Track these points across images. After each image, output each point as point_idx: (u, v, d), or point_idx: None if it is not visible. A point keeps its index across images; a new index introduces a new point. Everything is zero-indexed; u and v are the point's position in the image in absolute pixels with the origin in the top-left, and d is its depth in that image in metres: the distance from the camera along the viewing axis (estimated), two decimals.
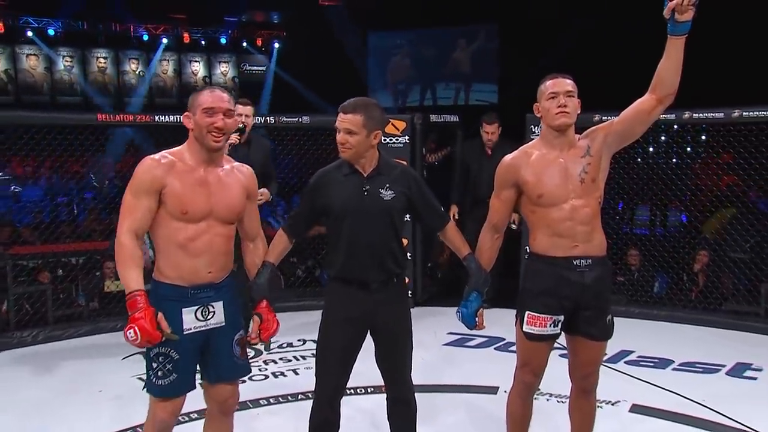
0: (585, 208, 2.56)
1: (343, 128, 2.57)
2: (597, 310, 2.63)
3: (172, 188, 2.33)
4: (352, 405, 3.52)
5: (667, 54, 2.42)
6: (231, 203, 2.45)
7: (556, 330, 2.65)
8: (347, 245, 2.60)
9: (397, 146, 5.79)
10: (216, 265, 2.42)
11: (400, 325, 2.73)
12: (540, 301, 2.62)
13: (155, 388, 2.40)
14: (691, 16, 2.33)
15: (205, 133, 2.36)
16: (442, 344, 4.95)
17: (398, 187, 2.65)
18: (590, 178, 2.57)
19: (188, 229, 2.35)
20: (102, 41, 13.83)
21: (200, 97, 2.39)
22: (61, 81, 13.66)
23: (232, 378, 2.54)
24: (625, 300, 5.72)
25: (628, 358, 4.54)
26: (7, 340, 4.90)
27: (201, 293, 2.40)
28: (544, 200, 2.58)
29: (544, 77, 2.65)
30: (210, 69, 14.52)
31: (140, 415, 2.57)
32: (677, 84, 2.46)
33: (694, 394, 3.83)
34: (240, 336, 2.53)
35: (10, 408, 3.78)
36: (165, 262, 2.39)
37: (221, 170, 2.47)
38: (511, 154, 2.71)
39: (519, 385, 2.77)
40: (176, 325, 2.35)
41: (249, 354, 4.49)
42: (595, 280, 2.60)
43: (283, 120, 5.82)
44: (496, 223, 2.75)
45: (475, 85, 13.81)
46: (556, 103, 2.55)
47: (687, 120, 5.34)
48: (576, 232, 2.56)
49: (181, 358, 2.38)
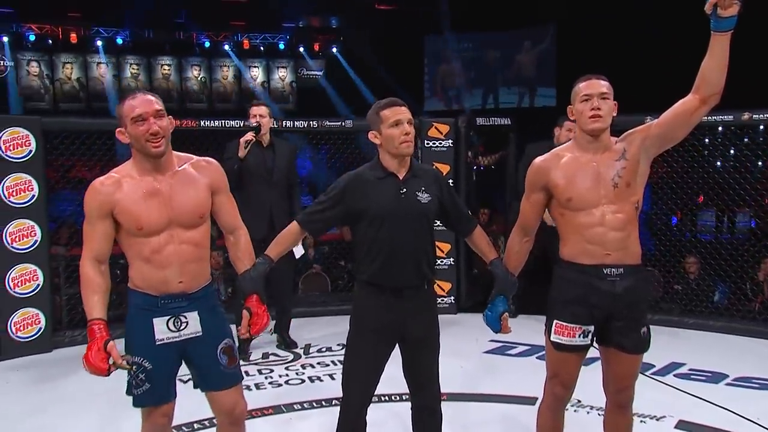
0: (618, 214, 2.45)
1: (408, 120, 2.52)
2: (630, 321, 2.50)
3: (123, 206, 2.28)
4: (378, 411, 3.47)
5: (711, 52, 2.28)
6: (190, 207, 2.36)
7: (586, 341, 2.53)
8: (384, 249, 2.53)
9: (441, 150, 5.73)
10: (187, 274, 2.35)
11: (429, 332, 2.67)
12: (569, 310, 2.52)
13: (133, 397, 2.38)
14: (736, 11, 2.19)
15: (144, 143, 2.27)
16: (483, 352, 4.85)
17: (433, 191, 2.60)
18: (625, 182, 2.46)
19: (150, 243, 2.29)
20: (167, 49, 14.28)
21: (125, 108, 2.30)
22: (128, 88, 14.16)
23: (220, 387, 2.47)
24: (679, 310, 5.47)
25: (677, 371, 4.33)
26: (60, 339, 5.08)
27: (172, 303, 2.34)
28: (574, 204, 2.48)
29: (578, 78, 2.55)
30: (269, 74, 14.76)
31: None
32: (722, 83, 2.32)
33: (747, 412, 3.60)
34: (226, 345, 2.46)
35: (56, 404, 3.92)
36: (135, 274, 2.35)
37: (173, 174, 2.37)
38: (542, 157, 2.62)
39: (549, 398, 2.68)
40: (148, 335, 2.33)
41: (288, 357, 4.60)
42: (628, 290, 2.47)
43: (326, 124, 5.85)
44: (525, 226, 2.67)
45: (540, 90, 13.61)
46: (590, 106, 2.45)
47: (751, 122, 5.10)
48: (607, 239, 2.45)
49: (154, 368, 2.34)
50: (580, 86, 2.51)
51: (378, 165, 2.60)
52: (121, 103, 2.32)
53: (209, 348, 2.43)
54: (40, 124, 4.97)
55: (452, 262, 5.84)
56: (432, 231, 2.64)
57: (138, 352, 2.33)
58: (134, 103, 2.29)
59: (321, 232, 2.75)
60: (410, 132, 2.52)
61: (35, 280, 4.91)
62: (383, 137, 2.54)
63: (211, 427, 3.25)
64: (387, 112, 2.53)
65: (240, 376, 2.55)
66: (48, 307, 4.99)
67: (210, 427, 3.37)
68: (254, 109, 4.74)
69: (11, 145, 4.80)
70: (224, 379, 2.47)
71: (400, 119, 2.51)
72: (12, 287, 4.83)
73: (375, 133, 2.57)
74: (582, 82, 2.51)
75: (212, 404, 2.52)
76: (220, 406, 2.50)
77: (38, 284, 4.92)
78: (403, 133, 2.51)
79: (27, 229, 4.87)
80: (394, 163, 2.57)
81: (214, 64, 14.54)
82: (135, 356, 2.33)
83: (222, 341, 2.45)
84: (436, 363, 2.71)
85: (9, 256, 4.82)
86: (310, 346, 4.98)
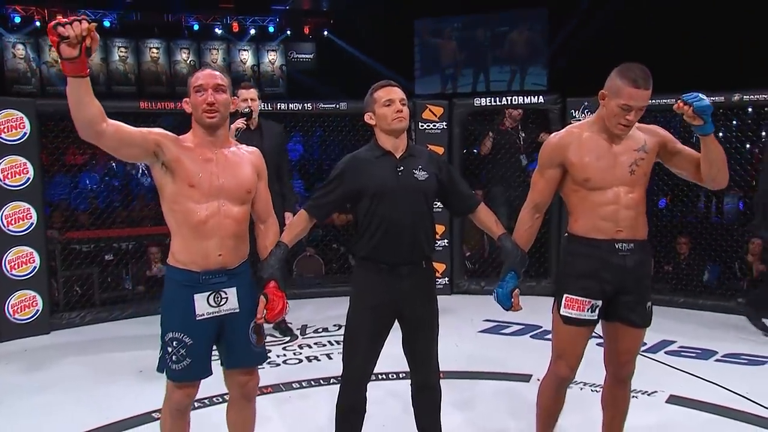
0: (630, 194, 2.50)
1: (399, 99, 2.57)
2: (638, 295, 2.56)
3: (178, 158, 2.33)
4: (378, 389, 3.53)
5: (702, 153, 2.45)
6: (240, 181, 2.43)
7: (593, 316, 2.57)
8: (382, 226, 2.56)
9: (435, 132, 5.75)
10: (226, 248, 2.40)
11: (428, 310, 2.70)
12: (580, 284, 2.55)
13: (170, 372, 2.41)
14: (700, 123, 2.33)
15: (201, 113, 2.35)
16: (477, 331, 4.92)
17: (430, 169, 2.63)
18: (642, 171, 2.52)
19: (199, 210, 2.34)
20: (155, 32, 14.15)
21: (191, 79, 2.41)
22: (116, 71, 14.04)
23: (248, 365, 2.54)
24: (669, 289, 5.56)
25: (668, 348, 4.42)
26: (57, 321, 5.11)
27: (213, 278, 2.39)
28: (590, 184, 2.51)
29: (627, 69, 2.40)
30: (258, 57, 14.68)
31: None
32: (720, 180, 2.50)
33: (737, 387, 3.70)
34: (257, 323, 2.50)
35: (55, 384, 3.95)
36: (177, 247, 2.40)
37: (227, 151, 2.45)
38: (559, 133, 2.64)
39: (552, 377, 2.71)
40: (189, 310, 2.36)
41: (284, 338, 4.65)
42: (637, 264, 2.53)
43: (321, 106, 5.85)
44: (538, 203, 2.67)
45: (530, 69, 13.61)
46: (624, 114, 2.42)
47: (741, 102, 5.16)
48: (620, 216, 2.50)
49: (194, 343, 2.38)
50: (626, 90, 2.38)
51: (374, 145, 2.65)
52: (191, 75, 2.43)
53: (243, 325, 2.47)
54: (34, 106, 4.96)
55: (446, 244, 5.89)
56: (431, 209, 2.67)
57: (178, 328, 2.37)
58: (199, 75, 2.39)
59: (327, 216, 2.81)
60: (402, 110, 2.57)
61: (32, 263, 4.92)
62: (377, 117, 2.60)
63: (222, 403, 3.31)
64: (380, 93, 2.60)
65: (266, 355, 2.63)
66: (45, 289, 5.02)
67: (216, 404, 3.42)
68: (243, 92, 4.56)
69: (6, 127, 4.78)
70: (252, 358, 2.53)
71: (392, 98, 2.57)
72: (9, 269, 4.84)
73: (370, 114, 2.62)
74: (630, 86, 2.38)
75: (228, 378, 2.57)
76: (236, 381, 2.55)
77: (35, 266, 4.94)
78: (394, 111, 2.56)
79: (23, 212, 4.87)
80: (389, 142, 2.61)
81: (204, 47, 14.45)
82: (175, 332, 2.37)
83: (254, 319, 2.49)
84: (435, 340, 2.74)
85: (5, 238, 4.83)
86: (307, 327, 5.04)
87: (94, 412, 3.47)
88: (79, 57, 1.98)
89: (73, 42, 1.95)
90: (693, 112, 2.30)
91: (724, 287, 5.52)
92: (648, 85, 2.39)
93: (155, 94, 13.49)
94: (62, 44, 1.96)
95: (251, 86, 4.70)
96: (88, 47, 1.99)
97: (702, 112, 2.30)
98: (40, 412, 3.54)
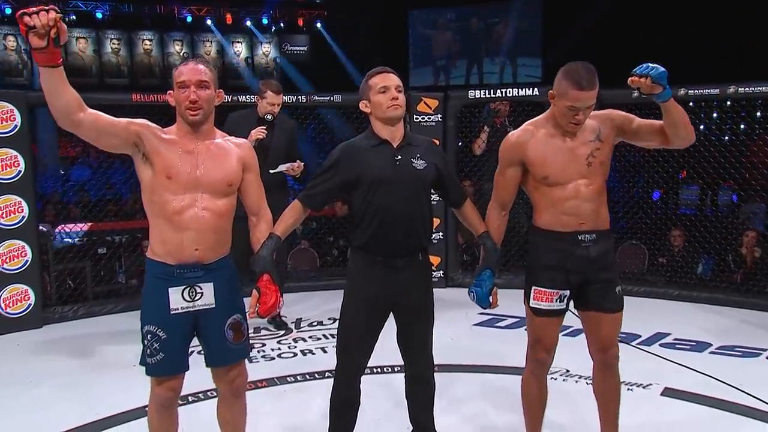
0: (590, 186, 2.55)
1: (395, 86, 2.53)
2: (605, 282, 2.62)
3: (158, 149, 2.30)
4: (372, 383, 3.51)
5: (663, 116, 2.46)
6: (223, 174, 2.38)
7: (562, 305, 2.63)
8: (378, 215, 2.52)
9: (429, 124, 5.73)
10: (204, 243, 2.35)
11: (423, 303, 2.68)
12: (546, 276, 2.61)
13: (147, 366, 2.39)
14: (659, 91, 2.34)
15: (184, 109, 2.32)
16: (472, 324, 4.91)
17: (429, 158, 2.60)
18: (598, 161, 2.56)
19: (174, 201, 2.31)
20: (147, 23, 14.04)
21: (175, 72, 2.35)
22: (109, 63, 13.95)
23: (224, 363, 2.48)
24: (663, 281, 5.56)
25: (663, 341, 4.42)
26: (49, 315, 5.07)
27: (188, 272, 2.35)
28: (550, 180, 2.56)
29: (571, 71, 2.43)
30: (252, 50, 14.60)
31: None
32: (687, 137, 2.50)
33: (731, 379, 3.70)
34: (234, 320, 2.46)
35: (48, 379, 3.92)
36: (154, 238, 2.37)
37: (212, 143, 2.41)
38: (516, 132, 2.67)
39: (532, 363, 2.75)
40: (163, 304, 2.33)
41: (279, 332, 4.63)
42: (600, 254, 2.59)
43: (315, 99, 5.82)
44: (501, 201, 2.73)
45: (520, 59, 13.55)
46: (573, 114, 2.47)
47: (736, 95, 5.15)
48: (581, 210, 2.55)
49: (168, 338, 2.35)
50: (572, 93, 2.42)
51: (370, 134, 2.59)
52: (175, 68, 2.38)
53: (218, 321, 2.43)
54: (25, 98, 4.90)
55: (441, 237, 5.88)
56: (429, 200, 2.64)
57: (154, 322, 2.35)
58: (182, 70, 2.34)
59: (322, 205, 2.73)
60: (398, 97, 2.52)
61: (24, 256, 4.88)
62: (372, 104, 2.54)
63: (213, 398, 3.26)
64: (375, 79, 2.54)
65: (245, 352, 2.57)
66: (37, 283, 4.98)
67: (211, 399, 3.39)
68: (272, 96, 4.39)
69: None
70: (228, 355, 2.48)
71: (387, 85, 2.52)
72: (0, 263, 4.80)
73: (365, 102, 2.57)
74: (574, 88, 2.41)
75: (215, 375, 2.54)
76: (222, 377, 2.52)
77: (27, 260, 4.90)
78: (390, 98, 2.51)
79: (14, 205, 4.82)
80: (386, 131, 2.56)
81: (197, 39, 14.36)
82: (150, 325, 2.35)
83: (231, 316, 2.45)
84: (429, 333, 2.73)
85: None
86: (302, 321, 5.02)
87: (87, 407, 3.45)
88: (48, 47, 1.96)
89: (40, 32, 1.92)
90: (652, 81, 2.32)
91: (718, 279, 5.53)
92: (593, 85, 2.42)
93: (148, 86, 13.42)
94: (30, 34, 1.93)
95: (280, 90, 4.50)
96: (56, 37, 1.95)
97: (660, 79, 2.32)
98: (32, 407, 3.52)
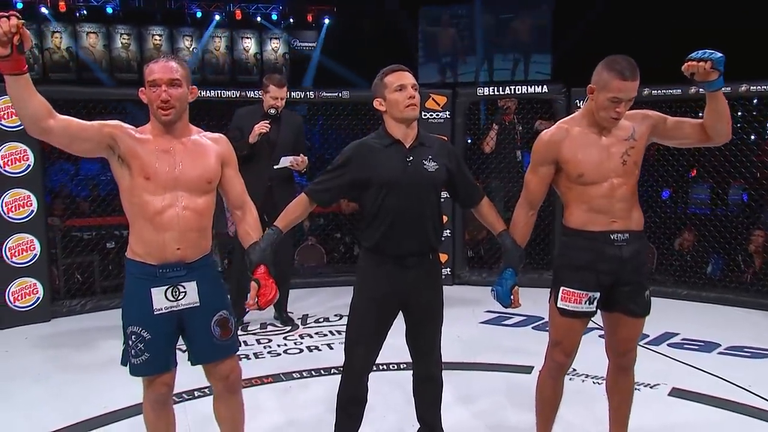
0: (624, 186, 2.51)
1: (411, 84, 2.49)
2: (636, 285, 2.57)
3: (133, 150, 2.26)
4: (380, 380, 3.50)
5: (707, 108, 2.42)
6: (201, 171, 2.35)
7: (591, 308, 2.58)
8: (389, 217, 2.50)
9: (438, 121, 5.71)
10: (186, 242, 2.32)
11: (433, 302, 2.68)
12: (577, 276, 2.55)
13: (131, 367, 2.37)
14: (716, 77, 2.29)
15: (156, 108, 2.28)
16: (479, 322, 4.90)
17: (441, 159, 2.57)
18: (633, 161, 2.51)
19: (154, 202, 2.27)
20: (158, 19, 14.05)
21: (146, 70, 2.30)
22: (119, 58, 13.97)
23: (211, 360, 2.45)
24: (672, 281, 5.53)
25: (671, 341, 4.40)
26: (58, 308, 5.10)
27: (170, 272, 2.32)
28: (585, 179, 2.51)
29: (614, 62, 2.39)
30: (261, 45, 14.59)
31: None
32: (725, 132, 2.46)
33: (740, 379, 3.68)
34: (221, 317, 2.43)
35: (56, 372, 3.95)
36: (134, 239, 2.34)
37: (188, 140, 2.37)
38: (550, 130, 2.62)
39: (550, 364, 2.71)
40: (146, 304, 2.31)
41: (285, 328, 4.63)
42: (633, 254, 2.54)
43: (323, 95, 5.81)
44: (531, 200, 2.67)
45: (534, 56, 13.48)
46: (614, 107, 2.41)
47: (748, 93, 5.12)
48: (615, 208, 2.51)
49: (153, 338, 2.33)
50: (614, 83, 2.38)
51: (384, 133, 2.56)
52: (146, 65, 2.33)
53: (204, 319, 2.40)
54: None
55: (448, 234, 5.87)
56: (439, 200, 2.62)
57: (137, 322, 2.32)
58: (153, 68, 2.29)
59: (330, 202, 2.69)
60: (415, 96, 2.49)
61: (32, 250, 4.90)
62: (387, 103, 2.51)
63: (210, 395, 3.28)
64: (391, 78, 2.51)
65: (234, 347, 2.53)
66: (46, 277, 5.00)
67: (208, 395, 3.39)
68: (275, 90, 4.31)
69: (6, 113, 4.74)
70: (215, 352, 2.44)
71: (404, 83, 2.48)
72: (9, 257, 4.82)
73: (380, 99, 2.53)
74: (617, 79, 2.37)
75: (207, 373, 2.52)
76: (214, 374, 2.49)
77: (35, 254, 4.91)
78: (407, 97, 2.47)
79: (23, 199, 4.84)
80: (399, 131, 2.53)
81: (206, 34, 14.33)
82: (133, 326, 2.32)
83: (217, 313, 2.43)
84: (438, 332, 2.72)
85: (5, 225, 4.80)
86: (308, 317, 5.02)
87: (95, 400, 3.46)
88: (11, 55, 1.93)
89: (3, 40, 1.90)
90: (713, 66, 2.26)
91: (727, 279, 5.49)
92: (635, 76, 2.39)
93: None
94: None
95: (284, 83, 4.41)
96: (19, 45, 1.93)
97: (719, 65, 2.26)
98: (41, 400, 3.53)
